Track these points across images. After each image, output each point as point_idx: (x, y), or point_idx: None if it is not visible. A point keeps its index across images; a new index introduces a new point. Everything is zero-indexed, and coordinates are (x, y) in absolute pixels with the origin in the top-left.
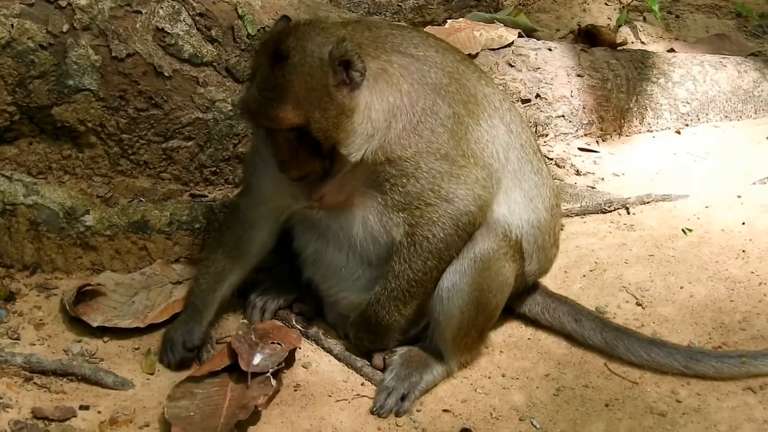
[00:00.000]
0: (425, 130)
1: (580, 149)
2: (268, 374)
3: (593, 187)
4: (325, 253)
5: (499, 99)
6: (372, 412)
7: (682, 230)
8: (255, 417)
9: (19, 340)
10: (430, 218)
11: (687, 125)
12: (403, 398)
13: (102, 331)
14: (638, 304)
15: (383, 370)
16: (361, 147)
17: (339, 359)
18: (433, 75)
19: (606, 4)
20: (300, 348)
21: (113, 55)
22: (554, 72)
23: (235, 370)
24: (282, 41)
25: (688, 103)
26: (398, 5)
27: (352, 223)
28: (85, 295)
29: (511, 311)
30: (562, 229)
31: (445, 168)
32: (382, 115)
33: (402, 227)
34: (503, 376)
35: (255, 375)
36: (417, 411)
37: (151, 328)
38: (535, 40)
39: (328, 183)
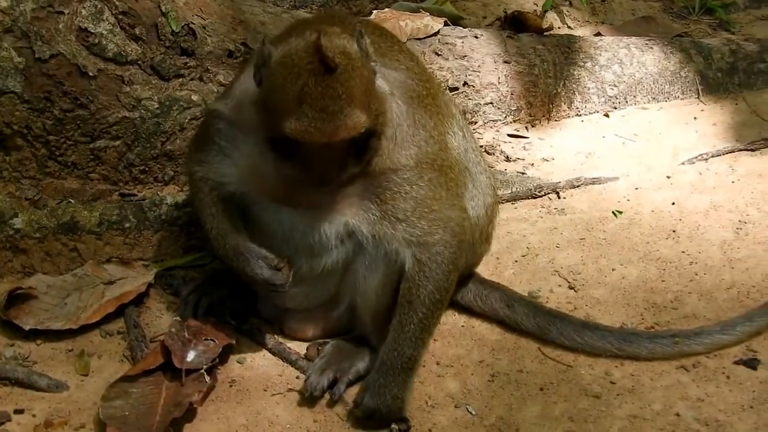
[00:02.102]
0: (421, 141)
1: (510, 135)
2: (202, 371)
3: (523, 173)
4: (284, 251)
5: (453, 105)
6: (304, 394)
7: (613, 212)
8: (190, 414)
9: None
10: (435, 230)
11: (615, 108)
12: (334, 381)
13: (35, 334)
14: (570, 288)
15: (317, 357)
16: (385, 147)
17: (273, 353)
18: (415, 86)
19: None
20: (234, 344)
21: (37, 56)
22: (481, 59)
23: (169, 368)
24: (322, 53)
25: (615, 86)
26: None
27: (332, 228)
28: (16, 298)
29: None
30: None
31: (442, 179)
32: (395, 112)
33: (409, 248)
34: (438, 364)
35: (189, 372)
36: (352, 401)
37: (84, 329)
38: (461, 28)
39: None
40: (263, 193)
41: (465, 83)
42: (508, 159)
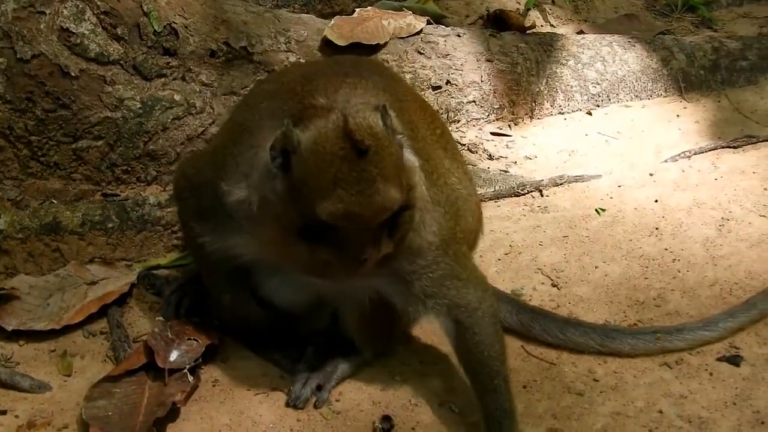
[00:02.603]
0: (440, 218)
1: (493, 134)
2: (185, 370)
3: (506, 171)
4: (290, 295)
5: (449, 145)
6: (288, 405)
7: (596, 210)
8: (174, 414)
9: None
10: (466, 293)
11: (598, 106)
12: (319, 388)
13: (17, 335)
14: (554, 285)
15: (299, 361)
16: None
17: (256, 353)
18: (427, 167)
19: None
20: (217, 343)
21: (18, 56)
22: (464, 58)
23: (152, 368)
24: (352, 137)
25: (598, 83)
26: None
27: (363, 295)
28: None
29: None
30: None
31: (465, 249)
32: (421, 191)
33: (445, 316)
34: (421, 362)
35: (172, 372)
36: (336, 401)
37: (67, 329)
38: (444, 26)
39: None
40: (283, 265)
41: (448, 82)
42: (491, 157)
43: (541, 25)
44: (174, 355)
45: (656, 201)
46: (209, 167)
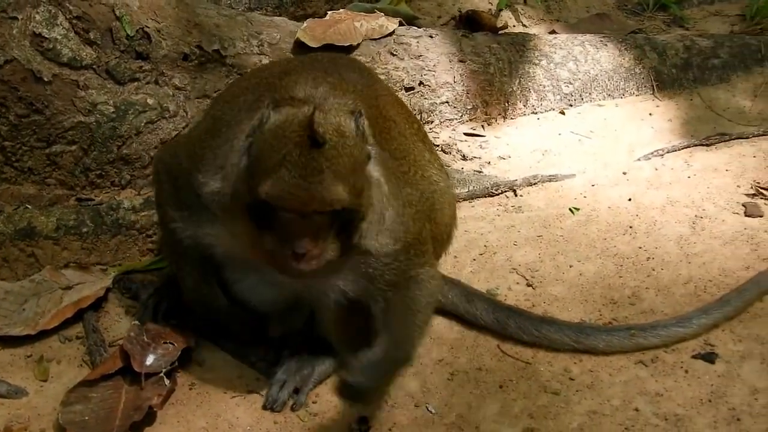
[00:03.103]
0: (409, 220)
1: (466, 134)
2: (162, 374)
3: (480, 171)
4: (265, 294)
5: (426, 148)
6: (265, 408)
7: (570, 209)
8: (151, 418)
9: None
10: (412, 298)
11: (571, 105)
12: (296, 391)
13: (3, 350)
14: (529, 285)
15: (276, 364)
16: (371, 229)
17: (233, 356)
18: (402, 168)
19: None
20: (193, 346)
21: None
22: (436, 59)
23: (128, 373)
24: (313, 128)
25: (570, 83)
26: None
27: (330, 295)
28: None
29: None
30: None
31: (428, 248)
32: (384, 194)
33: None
34: None
35: (149, 376)
36: (313, 402)
37: (43, 334)
38: (416, 28)
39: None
40: (252, 261)
41: (421, 83)
42: (464, 158)
43: (513, 26)
44: (150, 359)
45: (630, 200)
46: (186, 158)
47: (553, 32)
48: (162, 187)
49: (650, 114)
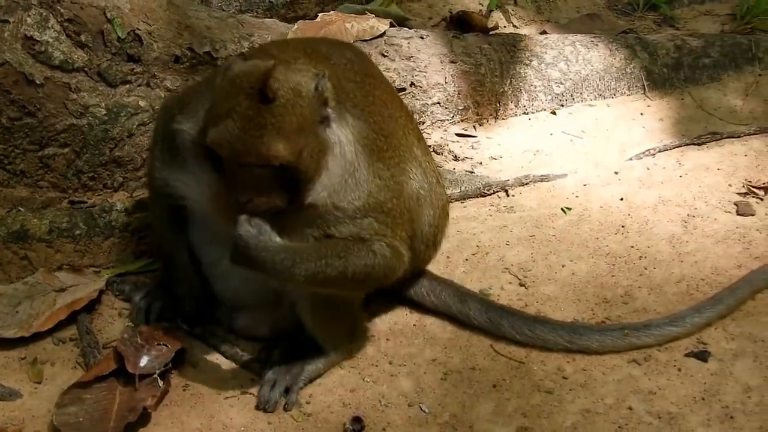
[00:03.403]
0: (373, 188)
1: (458, 135)
2: (156, 375)
3: (472, 172)
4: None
5: (415, 143)
6: (258, 408)
7: (562, 209)
8: (145, 419)
9: None
10: (358, 255)
11: (562, 105)
12: (287, 390)
13: None
14: (521, 285)
15: (266, 363)
16: (327, 187)
17: (226, 357)
18: (379, 143)
19: None
20: (187, 348)
21: None
22: (428, 60)
23: (122, 374)
24: (266, 83)
25: (562, 83)
26: (270, 1)
27: None
28: None
29: (397, 296)
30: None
31: (389, 220)
32: (348, 159)
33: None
34: (390, 363)
35: (142, 377)
36: (306, 403)
37: (37, 336)
38: (407, 29)
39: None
40: (216, 212)
41: (412, 84)
42: (456, 158)
43: (504, 26)
44: (144, 361)
45: (622, 199)
46: (177, 101)
47: (543, 33)
48: (156, 129)
49: (641, 114)
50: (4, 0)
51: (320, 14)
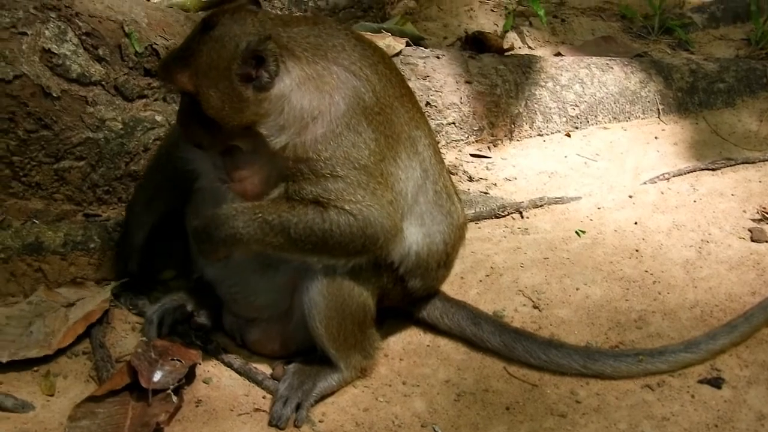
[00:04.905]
0: (346, 141)
1: (472, 155)
2: (169, 391)
3: (486, 193)
4: (242, 281)
5: (425, 144)
6: (270, 425)
7: (576, 232)
8: None
9: None
10: (339, 210)
11: (577, 128)
12: (298, 407)
13: (10, 365)
14: (535, 307)
15: (280, 380)
16: (271, 135)
17: (239, 373)
18: (367, 99)
19: (492, 10)
20: (200, 363)
21: (0, 77)
22: (443, 80)
23: (135, 389)
24: (217, 15)
25: (576, 105)
26: None
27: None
28: None
29: (411, 317)
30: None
31: (363, 178)
32: (298, 113)
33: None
34: (404, 383)
35: (156, 392)
36: (319, 421)
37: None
38: (423, 48)
39: (247, 166)
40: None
41: (427, 103)
42: (471, 179)
43: (519, 47)
44: (158, 376)
45: (636, 223)
46: None
47: (558, 54)
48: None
49: (656, 137)
50: (22, 12)
51: None
